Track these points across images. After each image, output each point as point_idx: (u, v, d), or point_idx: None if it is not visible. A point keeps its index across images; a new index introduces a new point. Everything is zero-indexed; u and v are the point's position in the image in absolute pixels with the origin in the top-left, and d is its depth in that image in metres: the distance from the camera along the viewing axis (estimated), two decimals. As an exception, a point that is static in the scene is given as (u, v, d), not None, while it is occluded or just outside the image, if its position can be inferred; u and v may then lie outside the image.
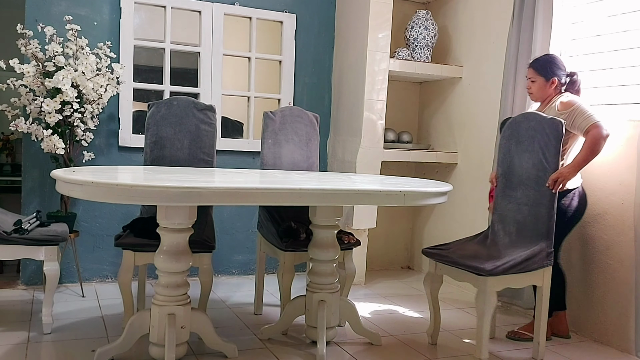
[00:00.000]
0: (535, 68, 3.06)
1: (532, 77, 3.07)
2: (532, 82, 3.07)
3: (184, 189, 1.98)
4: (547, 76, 3.03)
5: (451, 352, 2.86)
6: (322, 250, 2.75)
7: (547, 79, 3.03)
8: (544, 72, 3.04)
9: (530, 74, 3.08)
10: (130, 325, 2.45)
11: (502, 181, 3.03)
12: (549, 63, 3.04)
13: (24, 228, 2.73)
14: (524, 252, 2.69)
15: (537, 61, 3.07)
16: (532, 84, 3.08)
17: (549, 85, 3.03)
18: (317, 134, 3.52)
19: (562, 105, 2.96)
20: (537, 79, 3.05)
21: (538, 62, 3.07)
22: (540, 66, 3.05)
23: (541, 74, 3.04)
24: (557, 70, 3.03)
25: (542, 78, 3.04)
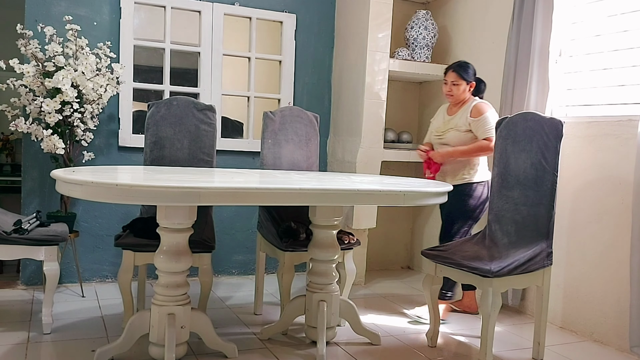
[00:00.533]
0: (458, 72, 3.30)
1: (455, 80, 3.30)
2: (455, 86, 3.31)
3: (184, 189, 1.98)
4: (468, 80, 3.31)
5: (451, 353, 2.86)
6: (322, 250, 2.75)
7: (468, 82, 3.31)
8: (467, 76, 3.31)
9: (452, 78, 3.31)
10: (130, 325, 2.45)
11: (498, 181, 3.03)
12: (469, 68, 3.33)
13: (24, 228, 2.73)
14: (526, 253, 2.69)
15: (460, 66, 3.32)
16: (454, 87, 3.31)
17: (468, 89, 3.33)
18: (317, 134, 3.52)
19: (475, 111, 3.26)
20: (460, 82, 3.30)
21: (461, 66, 3.31)
22: (463, 70, 3.30)
23: (464, 78, 3.30)
24: (473, 76, 3.33)
25: (464, 82, 3.30)
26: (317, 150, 3.52)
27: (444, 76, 3.37)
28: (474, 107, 3.27)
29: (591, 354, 2.93)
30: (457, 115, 3.34)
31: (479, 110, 3.25)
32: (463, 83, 3.29)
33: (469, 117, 3.26)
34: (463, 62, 3.35)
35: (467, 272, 2.64)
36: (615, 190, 3.02)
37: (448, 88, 3.33)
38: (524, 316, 3.52)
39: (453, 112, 3.38)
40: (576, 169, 3.24)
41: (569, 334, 3.22)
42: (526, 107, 3.36)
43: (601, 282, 3.08)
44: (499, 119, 3.13)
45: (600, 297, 3.08)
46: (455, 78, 3.29)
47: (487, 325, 2.57)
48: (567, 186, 3.27)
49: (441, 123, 3.44)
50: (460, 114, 3.33)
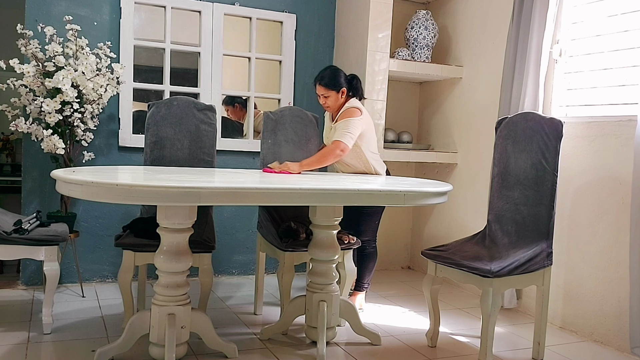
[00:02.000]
0: (324, 84, 3.20)
1: (324, 93, 3.21)
2: (326, 98, 3.22)
3: (184, 189, 1.98)
4: (336, 88, 3.21)
5: (452, 354, 2.86)
6: (322, 250, 2.75)
7: (337, 90, 3.21)
8: (333, 85, 3.21)
9: (321, 91, 3.22)
10: (130, 325, 2.45)
11: (498, 181, 3.03)
12: (335, 75, 3.23)
13: (24, 228, 2.73)
14: (526, 253, 2.69)
15: (322, 78, 3.21)
16: (326, 99, 3.23)
17: (340, 96, 3.22)
18: (317, 134, 3.52)
19: (343, 114, 3.19)
20: (329, 93, 3.21)
21: (324, 78, 3.21)
22: (329, 81, 3.20)
23: (331, 88, 3.21)
24: (342, 80, 3.23)
25: (333, 91, 3.21)
26: (317, 150, 3.51)
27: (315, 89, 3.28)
28: (343, 111, 3.20)
29: (591, 354, 2.93)
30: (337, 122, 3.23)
31: (346, 113, 3.17)
32: (332, 93, 3.20)
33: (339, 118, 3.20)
34: (327, 72, 3.23)
35: (468, 272, 2.64)
36: (615, 190, 3.02)
37: (321, 101, 3.25)
38: (524, 316, 3.52)
39: (334, 118, 3.30)
40: (576, 169, 3.24)
41: (569, 334, 3.22)
42: (526, 107, 3.36)
43: (601, 282, 3.08)
44: (499, 119, 3.13)
45: (600, 297, 3.08)
46: (324, 91, 3.21)
47: (487, 325, 2.57)
48: (567, 186, 3.27)
49: (328, 129, 3.35)
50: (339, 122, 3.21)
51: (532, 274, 2.73)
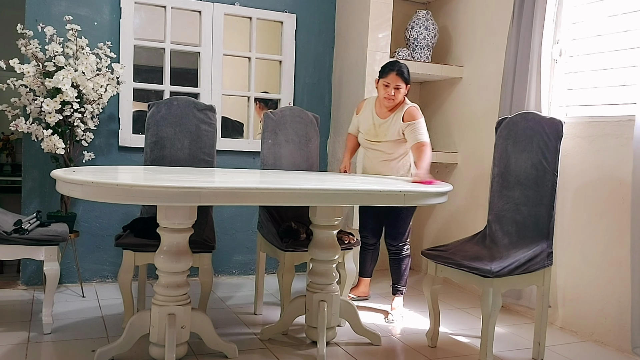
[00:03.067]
0: (402, 75, 3.13)
1: (399, 84, 3.13)
2: (398, 89, 3.14)
3: (184, 189, 1.98)
4: (408, 82, 3.18)
5: (452, 353, 2.86)
6: (322, 250, 2.75)
7: (407, 84, 3.18)
8: (408, 78, 3.18)
9: (397, 82, 3.12)
10: (131, 325, 2.45)
11: (498, 181, 3.03)
12: (408, 70, 3.19)
13: (24, 228, 2.73)
14: (526, 253, 2.69)
15: (402, 68, 3.15)
16: (397, 91, 3.14)
17: (406, 92, 3.21)
18: (317, 134, 3.52)
19: (408, 116, 3.16)
20: (402, 85, 3.15)
21: (403, 69, 3.15)
22: (407, 73, 3.16)
23: (406, 82, 3.17)
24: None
25: (405, 85, 3.17)
26: (318, 150, 3.52)
27: (383, 77, 3.16)
28: (406, 112, 3.16)
29: (591, 354, 2.93)
30: (389, 120, 3.20)
31: (413, 115, 3.15)
32: (404, 86, 3.15)
33: (402, 122, 3.15)
34: (403, 64, 3.18)
35: (468, 272, 2.64)
36: (615, 190, 3.02)
37: (391, 92, 3.13)
38: (524, 316, 3.52)
39: (385, 116, 3.22)
40: (576, 169, 3.24)
41: (569, 334, 3.22)
42: (526, 107, 3.36)
43: (601, 282, 3.08)
44: (499, 119, 3.13)
45: (600, 297, 3.08)
46: (399, 82, 3.12)
47: (487, 325, 2.57)
48: (567, 186, 3.27)
49: (371, 125, 3.27)
50: (391, 119, 3.19)
51: (532, 274, 2.72)
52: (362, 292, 3.69)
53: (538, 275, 2.75)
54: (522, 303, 3.51)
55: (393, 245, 3.38)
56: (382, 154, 3.27)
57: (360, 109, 3.38)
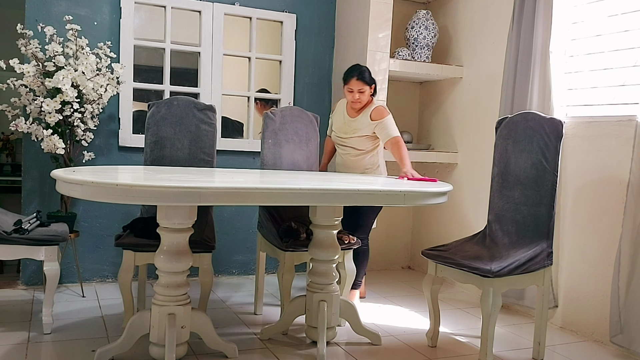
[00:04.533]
0: (363, 79, 3.25)
1: (361, 88, 3.26)
2: (362, 93, 3.27)
3: (184, 189, 1.98)
4: (371, 84, 3.31)
5: (452, 354, 2.86)
6: (322, 250, 2.75)
7: (371, 86, 3.30)
8: (370, 81, 3.30)
9: (359, 86, 3.25)
10: (131, 325, 2.45)
11: (498, 181, 3.03)
12: (368, 72, 3.31)
13: (24, 228, 2.73)
14: (526, 253, 2.69)
15: (363, 73, 3.27)
16: (362, 94, 3.28)
17: (372, 92, 3.34)
18: (317, 134, 3.52)
19: (375, 114, 3.31)
20: (365, 88, 3.28)
21: (364, 73, 3.27)
22: (368, 76, 3.28)
23: (369, 83, 3.29)
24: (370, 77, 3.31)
25: (368, 87, 3.29)
26: (318, 150, 3.52)
27: (345, 84, 3.30)
28: (373, 111, 3.31)
29: (591, 354, 2.93)
30: (358, 119, 3.36)
31: (380, 113, 3.30)
32: (367, 88, 3.29)
33: (370, 121, 3.30)
34: (362, 67, 3.31)
35: (468, 272, 2.64)
36: (615, 190, 3.02)
37: (355, 96, 3.28)
38: (524, 316, 3.52)
39: (354, 115, 3.38)
40: (576, 169, 3.24)
41: (569, 334, 3.22)
42: (527, 107, 3.36)
43: (601, 282, 3.07)
44: (499, 119, 3.13)
45: (600, 297, 3.08)
46: (361, 85, 3.26)
47: (487, 325, 2.57)
48: (567, 186, 3.27)
49: (342, 124, 3.43)
50: (360, 118, 3.35)
51: (532, 274, 2.73)
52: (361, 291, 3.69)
53: (538, 275, 2.75)
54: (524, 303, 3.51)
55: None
56: (351, 149, 3.41)
57: (334, 111, 3.56)
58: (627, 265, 2.85)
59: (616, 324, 2.88)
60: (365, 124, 3.33)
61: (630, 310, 2.83)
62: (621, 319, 2.86)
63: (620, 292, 2.87)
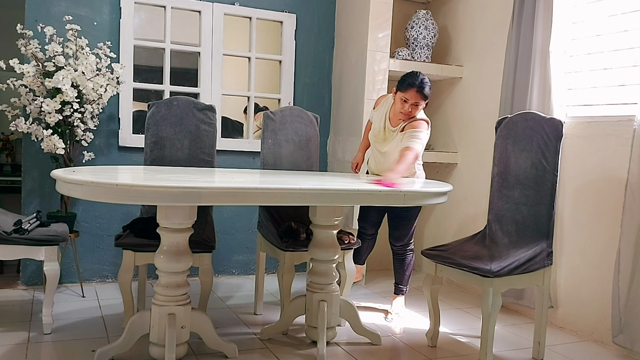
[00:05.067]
0: (422, 93, 2.96)
1: (419, 102, 2.99)
2: (416, 106, 3.00)
3: (184, 189, 1.98)
4: (428, 99, 3.03)
5: (452, 353, 2.86)
6: (322, 250, 2.75)
7: (427, 100, 3.03)
8: (429, 95, 3.02)
9: (416, 99, 2.96)
10: (131, 325, 2.45)
11: (498, 181, 3.03)
12: (430, 86, 3.03)
13: (24, 228, 2.73)
14: (526, 252, 2.69)
15: (424, 86, 2.97)
16: (415, 108, 3.00)
17: (424, 107, 3.06)
18: (317, 134, 3.52)
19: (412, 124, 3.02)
20: (422, 103, 3.01)
21: (425, 86, 2.98)
22: (429, 90, 3.00)
23: (426, 99, 3.02)
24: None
25: (424, 102, 3.02)
26: (318, 150, 3.52)
27: (402, 91, 2.99)
28: (413, 121, 3.04)
29: (591, 354, 2.93)
30: (397, 130, 3.09)
31: (415, 125, 3.02)
32: (423, 104, 3.02)
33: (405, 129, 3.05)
34: (425, 80, 2.99)
35: (468, 272, 2.64)
36: (615, 190, 3.02)
37: (407, 108, 2.99)
38: (524, 316, 3.52)
39: (396, 124, 3.10)
40: (576, 169, 3.24)
41: (569, 333, 3.22)
42: (526, 107, 3.36)
43: (601, 282, 3.08)
44: (499, 119, 3.13)
45: (600, 297, 3.08)
46: (419, 100, 2.98)
47: (487, 325, 2.57)
48: (567, 186, 3.27)
49: (381, 128, 3.17)
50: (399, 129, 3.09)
51: (532, 274, 2.72)
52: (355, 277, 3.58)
53: (538, 275, 2.75)
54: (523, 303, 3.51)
55: (397, 245, 3.35)
56: (385, 162, 3.15)
57: (377, 105, 3.29)
58: (627, 265, 2.85)
59: (617, 325, 2.88)
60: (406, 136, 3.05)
61: (631, 310, 2.83)
62: (622, 319, 2.86)
63: (621, 292, 2.87)
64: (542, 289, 2.78)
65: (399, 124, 3.10)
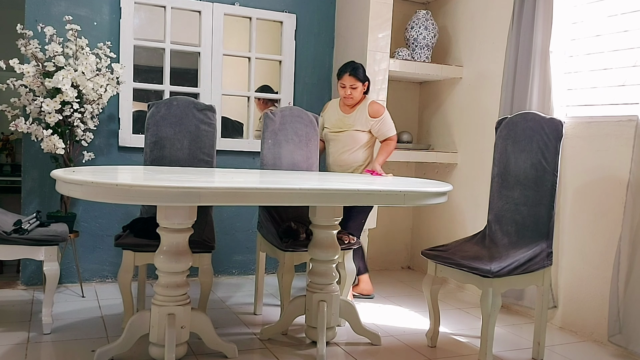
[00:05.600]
0: (356, 75, 3.37)
1: (354, 84, 3.38)
2: (354, 89, 3.39)
3: (184, 189, 1.98)
4: (364, 81, 3.42)
5: (452, 354, 2.86)
6: (322, 250, 2.75)
7: (364, 83, 3.42)
8: (363, 77, 3.42)
9: (351, 82, 3.37)
10: (130, 325, 2.45)
11: (498, 181, 3.03)
12: (362, 69, 3.42)
13: (24, 228, 2.73)
14: (526, 253, 2.69)
15: (356, 69, 3.39)
16: (354, 90, 3.39)
17: (364, 89, 3.45)
18: (317, 134, 3.52)
19: (373, 111, 3.44)
20: (358, 85, 3.39)
21: (358, 69, 3.39)
22: (361, 73, 3.40)
23: (362, 80, 3.40)
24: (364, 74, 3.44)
25: (361, 84, 3.40)
26: (318, 150, 3.52)
27: (339, 79, 3.41)
28: (370, 107, 3.44)
29: (591, 354, 2.93)
30: (354, 115, 3.46)
31: (378, 110, 3.44)
32: (360, 85, 3.38)
33: (369, 118, 3.42)
34: (357, 64, 3.42)
35: (467, 272, 2.64)
36: (615, 190, 3.02)
37: (347, 92, 3.39)
38: (524, 316, 3.52)
39: (348, 111, 3.48)
40: (576, 169, 3.24)
41: (568, 334, 3.22)
42: (526, 107, 3.36)
43: (601, 282, 3.08)
44: (499, 119, 3.13)
45: (599, 297, 3.08)
46: (354, 81, 3.36)
47: (487, 325, 2.57)
48: (567, 186, 3.27)
49: (335, 120, 3.53)
50: (355, 114, 3.46)
51: (532, 274, 2.72)
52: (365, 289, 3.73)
53: (538, 275, 2.75)
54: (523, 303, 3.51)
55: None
56: (344, 144, 3.49)
57: (325, 109, 3.66)
58: (626, 265, 2.85)
59: (615, 324, 2.88)
60: (362, 119, 3.43)
61: (629, 310, 2.83)
62: (620, 318, 2.87)
63: (620, 292, 2.87)
64: (542, 289, 2.78)
65: (351, 111, 3.47)
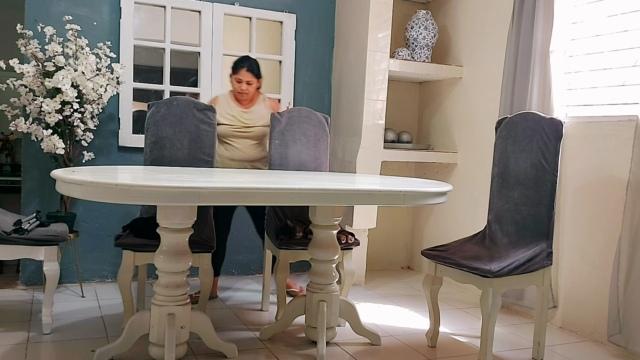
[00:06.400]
0: (252, 71, 3.38)
1: (250, 79, 3.39)
2: (250, 85, 3.40)
3: (184, 189, 1.98)
4: (260, 77, 3.44)
5: (452, 354, 2.86)
6: (322, 250, 2.75)
7: (259, 79, 3.44)
8: (259, 73, 3.43)
9: (247, 77, 3.38)
10: (130, 325, 2.45)
11: (498, 181, 3.03)
12: (258, 65, 3.44)
13: (24, 228, 2.73)
14: (526, 253, 2.69)
15: (252, 65, 3.39)
16: (249, 86, 3.40)
17: (258, 85, 3.47)
18: (327, 134, 3.52)
19: (275, 105, 3.59)
20: (254, 81, 3.41)
21: (253, 65, 3.40)
22: (257, 68, 3.41)
23: (257, 76, 3.42)
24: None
25: (257, 80, 3.43)
26: (327, 151, 3.51)
27: (234, 73, 3.40)
28: (270, 103, 3.56)
29: (591, 354, 2.93)
30: (255, 109, 3.48)
31: (277, 105, 3.63)
32: (255, 81, 3.41)
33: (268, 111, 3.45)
34: (252, 60, 3.42)
35: (468, 272, 2.64)
36: (615, 190, 3.02)
37: (243, 87, 3.39)
38: (524, 316, 3.52)
39: (247, 106, 3.48)
40: (576, 169, 3.24)
41: (568, 333, 3.22)
42: (526, 107, 3.36)
43: (601, 282, 3.07)
44: (499, 119, 3.13)
45: (599, 297, 3.08)
46: (250, 77, 3.38)
47: (487, 325, 2.57)
48: (567, 186, 3.27)
49: (234, 116, 3.45)
50: (256, 108, 3.48)
51: (532, 274, 2.72)
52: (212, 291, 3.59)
53: (538, 275, 2.75)
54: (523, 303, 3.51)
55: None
56: (252, 140, 3.48)
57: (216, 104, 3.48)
58: (625, 265, 2.85)
59: (614, 324, 2.88)
60: (264, 114, 3.46)
61: (629, 309, 2.83)
62: (620, 318, 2.87)
63: (619, 292, 2.87)
64: (542, 289, 2.78)
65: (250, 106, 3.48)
